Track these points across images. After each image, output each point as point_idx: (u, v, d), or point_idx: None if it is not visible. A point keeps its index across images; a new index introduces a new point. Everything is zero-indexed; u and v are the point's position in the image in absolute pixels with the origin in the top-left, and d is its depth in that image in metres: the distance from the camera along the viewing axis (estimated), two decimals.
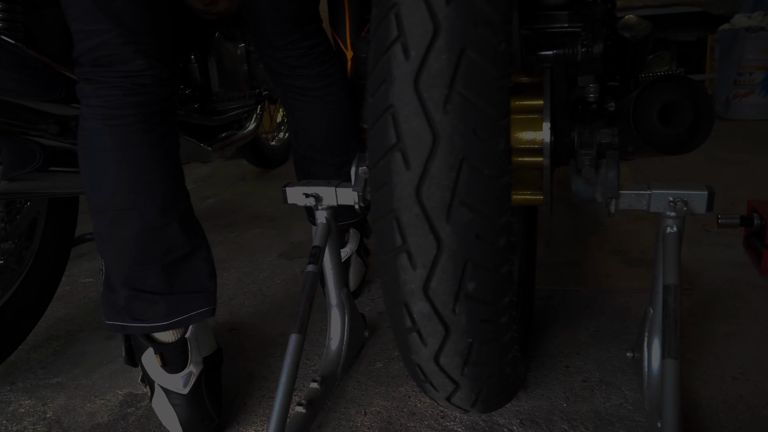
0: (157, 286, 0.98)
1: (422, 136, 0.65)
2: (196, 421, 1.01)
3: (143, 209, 0.95)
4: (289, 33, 1.26)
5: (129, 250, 0.96)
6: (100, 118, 0.92)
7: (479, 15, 0.66)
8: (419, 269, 0.69)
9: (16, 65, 1.01)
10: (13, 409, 1.19)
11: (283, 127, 3.04)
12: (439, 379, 0.78)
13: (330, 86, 1.33)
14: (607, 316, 1.32)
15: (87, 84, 0.93)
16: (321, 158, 1.38)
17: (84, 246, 2.09)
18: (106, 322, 1.02)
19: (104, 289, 1.01)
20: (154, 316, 0.98)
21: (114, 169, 0.93)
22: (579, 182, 0.95)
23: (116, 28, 0.89)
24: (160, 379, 1.01)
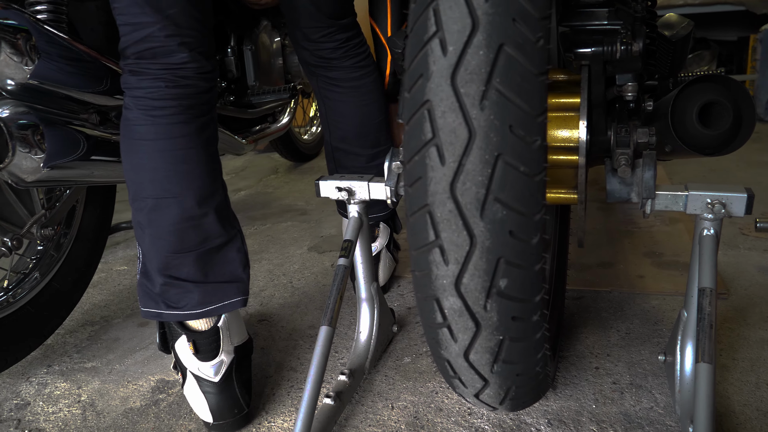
0: (192, 274, 1.01)
1: (458, 131, 0.65)
2: (225, 409, 1.03)
3: (181, 198, 0.97)
4: (323, 25, 1.28)
5: (166, 238, 0.98)
6: (142, 108, 0.95)
7: (518, 11, 0.66)
8: (452, 265, 0.69)
9: (63, 57, 1.04)
10: (50, 390, 1.22)
11: (316, 121, 3.06)
12: (469, 376, 0.78)
13: (363, 78, 1.34)
14: (639, 319, 1.30)
15: (131, 75, 0.96)
16: (353, 150, 1.39)
17: (119, 234, 2.14)
18: (142, 309, 1.04)
19: (141, 277, 1.04)
20: (188, 305, 1.01)
21: (153, 158, 0.95)
22: (614, 182, 0.94)
23: (161, 20, 0.92)
24: (192, 367, 1.03)
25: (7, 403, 1.19)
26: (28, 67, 0.98)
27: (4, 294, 1.26)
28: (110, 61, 1.16)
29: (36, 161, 1.01)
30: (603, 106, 0.96)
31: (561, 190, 0.97)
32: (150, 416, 1.11)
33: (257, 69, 1.79)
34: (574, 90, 0.94)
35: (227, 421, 1.03)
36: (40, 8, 1.12)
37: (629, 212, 1.95)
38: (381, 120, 1.38)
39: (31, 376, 1.28)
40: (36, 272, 1.32)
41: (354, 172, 1.40)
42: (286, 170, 2.94)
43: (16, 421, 1.13)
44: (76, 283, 1.40)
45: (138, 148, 0.96)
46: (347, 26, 1.31)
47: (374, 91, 1.37)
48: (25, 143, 0.99)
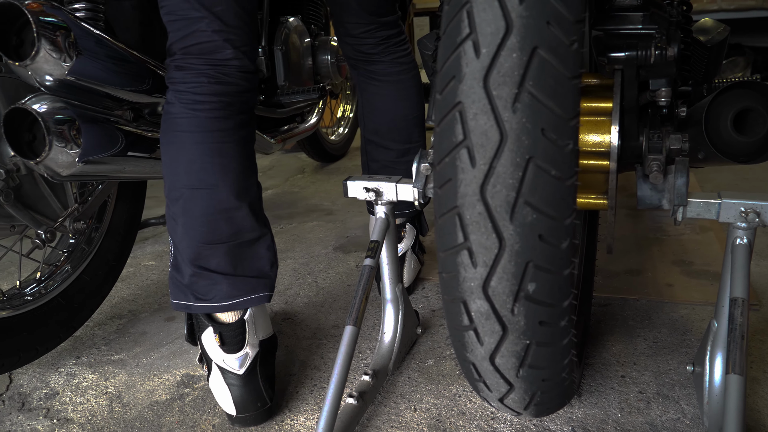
0: (221, 266, 1.03)
1: (489, 134, 0.65)
2: (249, 402, 1.04)
3: (215, 190, 1.00)
4: (365, 22, 1.32)
5: (198, 228, 1.01)
6: (184, 103, 0.99)
7: (552, 14, 0.65)
8: (480, 267, 0.69)
9: (100, 54, 1.06)
10: (78, 381, 1.25)
11: (343, 122, 3.07)
12: (494, 380, 0.78)
13: (401, 74, 1.38)
14: (667, 328, 1.28)
15: (177, 71, 1.00)
16: (383, 143, 1.42)
17: (148, 230, 2.17)
18: (172, 301, 1.06)
19: (172, 270, 1.06)
20: (216, 297, 1.03)
21: (190, 150, 0.99)
22: (645, 188, 0.93)
23: (208, 16, 0.96)
24: (217, 358, 1.04)
25: (37, 392, 1.22)
26: (66, 63, 1.01)
27: (36, 285, 1.29)
28: (145, 59, 1.18)
29: (71, 156, 1.03)
30: (635, 112, 0.95)
31: (590, 195, 0.96)
32: (175, 410, 1.13)
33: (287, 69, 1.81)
34: (606, 94, 0.93)
35: (250, 414, 1.04)
36: (78, 6, 1.14)
37: (658, 219, 1.92)
38: (416, 117, 1.41)
39: (60, 367, 1.30)
40: (67, 265, 1.35)
41: (384, 165, 1.43)
42: (312, 170, 2.95)
43: (45, 410, 1.16)
44: (105, 277, 1.42)
45: (176, 140, 0.99)
46: (389, 24, 1.36)
47: (411, 87, 1.40)
48: (62, 138, 1.01)
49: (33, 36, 0.96)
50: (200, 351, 1.08)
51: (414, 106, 1.41)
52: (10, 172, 1.10)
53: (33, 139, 1.05)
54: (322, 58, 2.02)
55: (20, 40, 1.01)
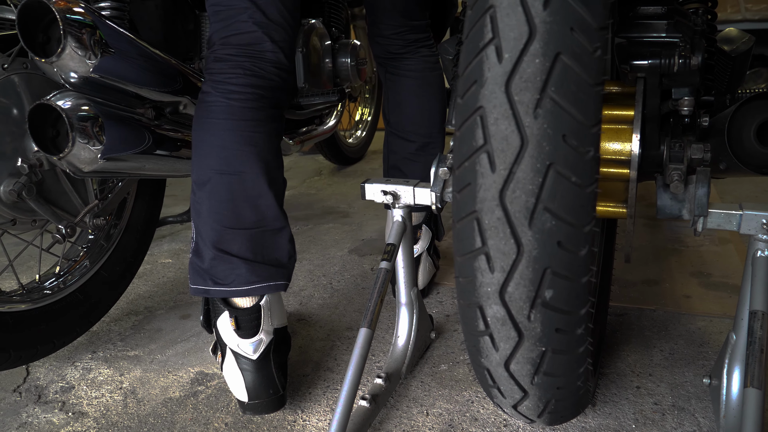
0: (242, 251, 1.05)
1: (510, 139, 0.65)
2: (261, 388, 1.04)
3: (245, 176, 1.03)
4: (397, 24, 1.39)
5: (224, 213, 1.03)
6: (220, 92, 1.03)
7: (576, 20, 0.65)
8: (497, 273, 0.68)
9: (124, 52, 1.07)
10: (93, 376, 1.26)
11: (361, 125, 3.07)
12: (508, 386, 0.78)
13: (425, 71, 1.44)
14: (683, 339, 1.27)
15: (215, 62, 1.04)
16: (404, 134, 1.46)
17: (165, 228, 2.19)
18: (191, 286, 1.08)
19: (192, 255, 1.08)
20: (234, 281, 1.04)
21: (222, 135, 1.02)
22: (665, 197, 0.92)
23: (252, 8, 1.02)
24: (231, 343, 1.05)
25: (53, 385, 1.23)
26: (91, 61, 1.02)
27: (55, 279, 1.31)
28: (167, 58, 1.19)
29: (93, 152, 1.04)
30: (657, 120, 0.94)
31: (609, 204, 0.95)
32: (188, 407, 1.13)
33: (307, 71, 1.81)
34: (627, 102, 0.93)
35: (262, 401, 1.05)
36: (104, 5, 1.16)
37: (677, 230, 1.90)
38: (438, 112, 1.46)
39: (76, 361, 1.32)
40: (86, 260, 1.36)
41: (403, 157, 1.47)
42: (329, 172, 2.96)
43: (60, 403, 1.17)
44: (123, 273, 1.44)
45: (209, 126, 1.02)
46: (418, 28, 1.42)
47: (435, 85, 1.45)
48: (85, 134, 1.02)
49: (59, 33, 0.97)
50: (215, 339, 1.09)
51: (436, 102, 1.45)
52: (33, 167, 1.11)
53: (56, 135, 1.06)
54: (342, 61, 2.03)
55: (47, 37, 1.02)
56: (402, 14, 1.38)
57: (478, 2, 0.70)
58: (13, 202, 1.11)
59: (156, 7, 1.45)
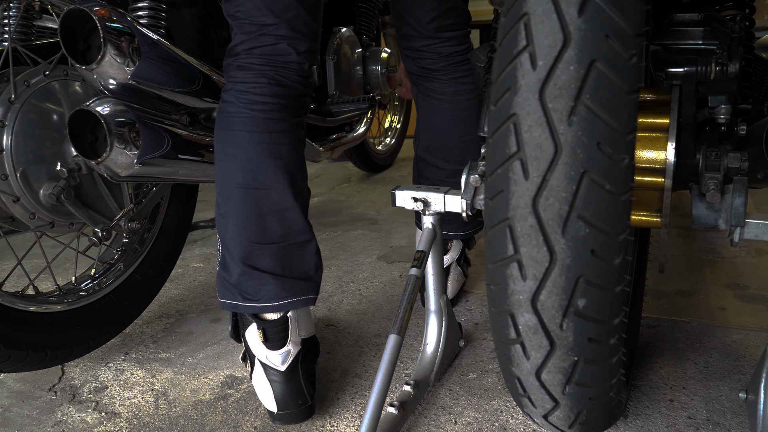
0: (271, 266, 1.05)
1: (544, 146, 0.65)
2: (290, 399, 1.05)
3: (270, 190, 1.03)
4: (426, 36, 1.32)
5: (251, 228, 1.03)
6: (244, 103, 1.02)
7: (611, 27, 0.65)
8: (529, 281, 0.68)
9: (160, 59, 1.10)
10: (126, 377, 1.28)
11: (390, 132, 3.08)
12: (539, 395, 0.77)
13: (459, 94, 1.36)
14: (718, 353, 1.24)
15: (238, 71, 1.04)
16: (434, 161, 1.41)
17: (197, 233, 2.22)
18: (219, 299, 1.08)
19: (220, 269, 1.08)
20: (264, 297, 1.05)
21: (247, 149, 1.02)
22: (701, 207, 0.91)
23: (278, 22, 1.02)
24: (260, 355, 1.06)
25: (87, 385, 1.25)
26: (129, 68, 1.04)
27: (90, 282, 1.34)
28: (202, 65, 1.22)
29: (130, 157, 1.07)
30: (692, 129, 0.93)
31: (643, 213, 0.94)
32: (218, 410, 1.15)
33: (338, 78, 1.83)
34: (662, 110, 0.91)
35: (291, 411, 1.05)
36: (141, 13, 1.18)
37: (711, 240, 1.86)
38: (471, 138, 1.38)
39: (109, 362, 1.34)
40: (120, 263, 1.39)
41: (434, 184, 1.41)
42: (358, 179, 2.97)
43: (94, 403, 1.19)
44: (155, 277, 1.46)
45: (233, 139, 1.02)
46: (452, 39, 1.34)
47: (468, 108, 1.38)
48: (122, 139, 1.05)
49: (99, 41, 1.00)
50: (244, 348, 1.10)
51: (470, 128, 1.38)
52: (72, 171, 1.14)
53: (95, 140, 1.09)
54: (373, 69, 2.04)
55: (87, 45, 1.05)
56: (431, 26, 1.31)
57: (512, 9, 0.70)
58: (52, 205, 1.14)
59: (191, 15, 1.48)
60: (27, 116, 1.10)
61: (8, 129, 1.08)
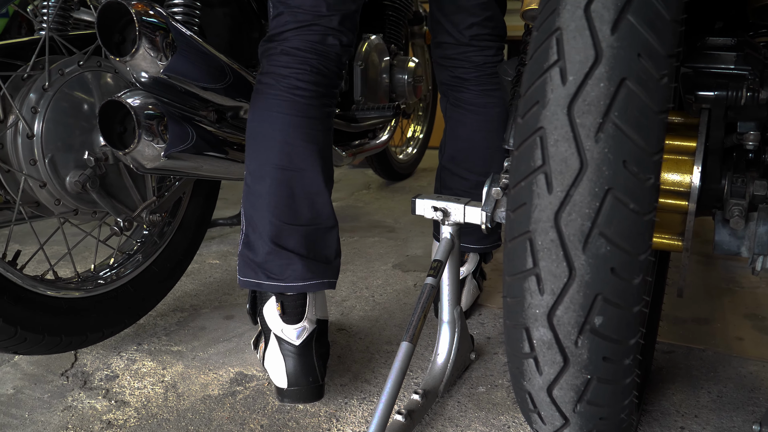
0: (298, 247, 1.08)
1: (569, 161, 0.64)
2: (301, 374, 1.07)
3: (306, 173, 1.07)
4: (463, 44, 1.35)
5: (284, 208, 1.07)
6: (285, 87, 1.06)
7: (644, 46, 0.65)
8: (547, 295, 0.68)
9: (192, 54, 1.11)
10: (137, 367, 1.29)
11: (412, 142, 3.09)
12: (549, 412, 0.76)
13: (488, 106, 1.38)
14: (733, 383, 1.23)
15: (282, 55, 1.07)
16: (459, 171, 1.41)
17: (215, 230, 2.24)
18: (240, 278, 1.11)
19: (243, 248, 1.11)
20: (290, 276, 1.08)
21: (286, 131, 1.05)
22: (724, 233, 0.90)
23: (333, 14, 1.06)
24: (276, 328, 1.08)
25: (99, 372, 1.27)
26: (161, 62, 1.06)
27: (109, 271, 1.35)
28: (233, 64, 1.23)
29: (157, 150, 1.08)
30: (719, 154, 0.92)
31: (665, 236, 0.93)
32: (226, 406, 1.15)
33: (364, 85, 1.84)
34: (690, 134, 0.91)
35: (301, 388, 1.07)
36: (176, 10, 1.20)
37: (732, 269, 1.84)
38: (497, 150, 1.39)
39: (122, 351, 1.35)
40: (139, 254, 1.41)
41: (456, 194, 1.41)
42: (377, 187, 2.98)
43: (104, 391, 1.20)
44: (172, 270, 1.47)
45: (272, 120, 1.05)
46: (486, 50, 1.36)
47: (496, 121, 1.39)
48: (150, 132, 1.06)
49: (135, 34, 1.01)
50: (257, 332, 1.12)
51: (496, 140, 1.39)
52: (99, 160, 1.16)
53: (123, 131, 1.10)
54: (399, 77, 2.05)
55: (122, 37, 1.07)
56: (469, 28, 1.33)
57: (544, 24, 0.70)
58: (77, 193, 1.16)
59: (224, 15, 1.50)
60: (59, 104, 1.12)
61: (40, 115, 1.10)
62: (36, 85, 1.11)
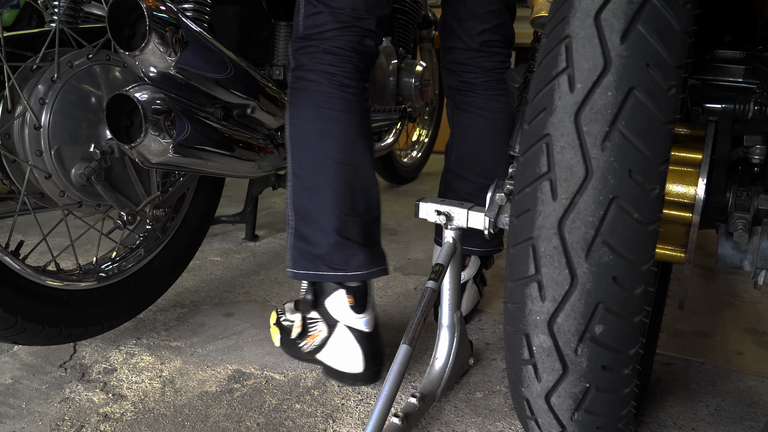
0: (359, 238, 1.15)
1: (575, 169, 0.64)
2: (372, 358, 1.17)
3: (361, 167, 1.14)
4: (472, 49, 1.38)
5: (345, 201, 1.13)
6: (336, 85, 1.12)
7: (653, 57, 0.65)
8: (548, 302, 0.68)
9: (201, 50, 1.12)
10: (136, 361, 1.29)
11: (417, 146, 3.09)
12: (546, 419, 0.76)
13: (496, 111, 1.41)
14: (732, 397, 1.22)
15: (326, 54, 1.12)
16: (464, 173, 1.43)
17: (218, 227, 2.24)
18: (293, 271, 1.16)
19: (297, 242, 1.16)
20: (353, 266, 1.15)
21: (342, 128, 1.12)
22: (727, 246, 0.90)
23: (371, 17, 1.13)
24: (346, 319, 1.16)
25: (97, 365, 1.27)
26: (170, 57, 1.06)
27: (111, 264, 1.35)
28: (241, 62, 1.23)
29: (163, 145, 1.08)
30: (725, 166, 0.92)
31: (668, 247, 0.93)
32: (223, 403, 1.15)
33: (372, 87, 1.84)
34: (696, 146, 0.91)
35: (371, 370, 1.18)
36: (187, 6, 1.21)
37: (733, 283, 1.84)
38: (500, 154, 1.42)
39: (121, 345, 1.35)
40: (141, 249, 1.41)
41: (460, 196, 1.42)
42: (381, 190, 2.96)
43: (102, 384, 1.20)
44: (174, 266, 1.47)
45: (325, 117, 1.11)
46: (495, 55, 1.40)
47: (502, 125, 1.42)
48: (157, 127, 1.06)
49: (145, 29, 1.02)
50: (319, 317, 1.17)
51: (502, 144, 1.42)
52: (105, 153, 1.16)
53: (130, 125, 1.11)
54: (406, 81, 2.05)
55: (132, 32, 1.07)
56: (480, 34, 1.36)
57: (554, 31, 0.70)
58: (82, 185, 1.16)
59: (234, 13, 1.50)
60: (67, 96, 1.13)
61: (48, 107, 1.10)
62: (45, 77, 1.11)
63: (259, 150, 1.35)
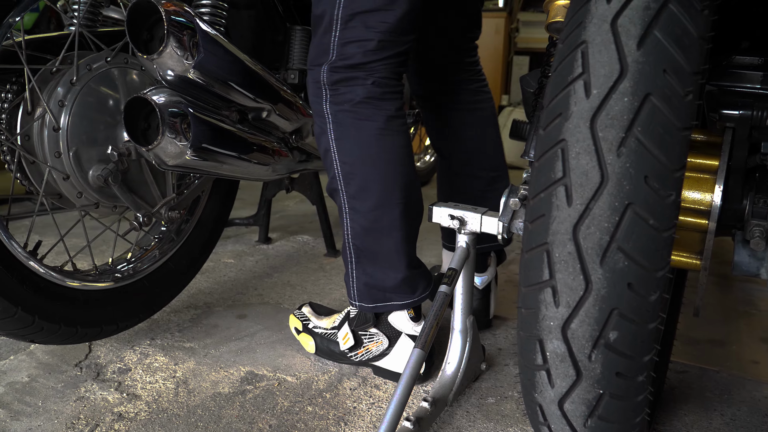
0: (418, 262, 1.22)
1: (590, 174, 0.64)
2: (429, 357, 1.24)
3: (416, 198, 1.18)
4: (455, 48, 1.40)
5: (411, 237, 1.18)
6: (388, 119, 1.12)
7: (670, 62, 0.65)
8: (562, 308, 0.67)
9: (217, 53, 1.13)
10: (150, 362, 1.30)
11: (430, 150, 3.09)
12: (559, 425, 0.76)
13: (481, 102, 1.44)
14: (747, 406, 1.21)
15: (375, 86, 1.10)
16: (472, 171, 1.44)
17: (231, 229, 2.25)
18: (363, 305, 1.21)
19: (360, 275, 1.19)
20: (419, 290, 1.21)
21: (404, 151, 1.14)
22: (743, 254, 0.89)
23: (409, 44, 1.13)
24: (407, 329, 1.23)
25: (112, 365, 1.28)
26: (188, 61, 1.07)
27: (126, 265, 1.36)
28: (256, 66, 1.24)
29: (179, 147, 1.09)
30: (742, 173, 0.91)
31: (683, 254, 0.92)
32: (236, 404, 1.16)
33: None
34: (712, 152, 0.90)
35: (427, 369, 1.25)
36: (204, 10, 1.22)
37: (749, 292, 1.82)
38: (497, 145, 1.46)
39: (135, 345, 1.37)
40: (156, 250, 1.42)
41: (473, 196, 1.43)
42: None
43: (116, 383, 1.21)
44: (188, 268, 1.48)
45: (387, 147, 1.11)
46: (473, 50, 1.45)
47: (492, 115, 1.47)
48: (173, 129, 1.07)
49: (163, 33, 1.03)
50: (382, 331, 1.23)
51: (496, 133, 1.46)
52: (122, 155, 1.18)
53: (147, 128, 1.12)
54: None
55: (151, 35, 1.09)
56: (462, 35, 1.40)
57: (570, 36, 0.70)
58: (99, 187, 1.18)
59: (249, 17, 1.51)
60: (85, 98, 1.14)
61: (67, 109, 1.12)
62: (64, 79, 1.12)
63: (274, 153, 1.36)
